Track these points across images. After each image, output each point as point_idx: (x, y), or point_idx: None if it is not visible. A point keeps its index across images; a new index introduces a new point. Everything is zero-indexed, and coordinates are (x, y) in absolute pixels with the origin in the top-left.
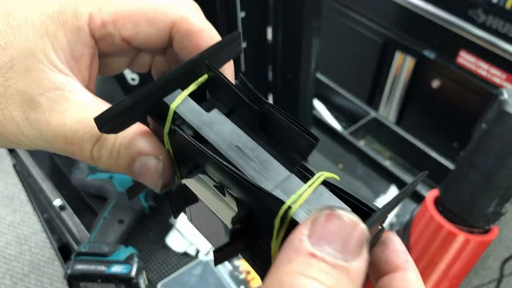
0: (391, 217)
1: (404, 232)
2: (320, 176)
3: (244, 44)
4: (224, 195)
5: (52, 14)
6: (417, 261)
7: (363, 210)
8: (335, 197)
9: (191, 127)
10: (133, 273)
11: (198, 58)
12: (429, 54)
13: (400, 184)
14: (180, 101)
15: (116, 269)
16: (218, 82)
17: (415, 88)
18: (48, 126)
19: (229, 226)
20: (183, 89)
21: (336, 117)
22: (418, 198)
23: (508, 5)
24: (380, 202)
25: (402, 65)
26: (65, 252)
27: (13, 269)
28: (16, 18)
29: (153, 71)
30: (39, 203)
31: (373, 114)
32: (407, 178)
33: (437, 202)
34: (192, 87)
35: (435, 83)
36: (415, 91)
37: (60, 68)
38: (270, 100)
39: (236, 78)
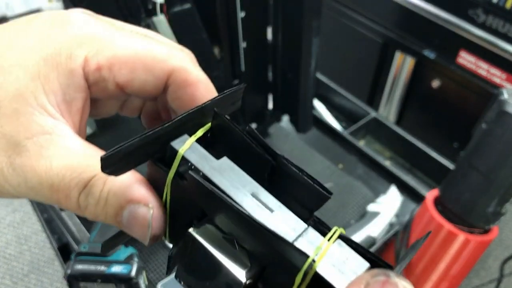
0: (391, 216)
1: (404, 232)
2: (336, 230)
3: (244, 44)
4: (235, 248)
5: (46, 56)
6: (417, 261)
7: (380, 265)
8: (354, 252)
9: (200, 173)
10: (133, 273)
11: (208, 105)
12: (429, 54)
13: (400, 184)
14: (188, 146)
15: (116, 269)
16: (223, 131)
17: (415, 88)
18: (34, 172)
19: (243, 281)
20: (190, 135)
21: (336, 117)
22: (418, 198)
23: (508, 5)
24: (380, 202)
25: (402, 65)
26: (65, 252)
27: (13, 269)
28: (8, 59)
29: (143, 116)
30: (39, 203)
31: (373, 114)
32: (407, 178)
33: (437, 202)
34: (199, 133)
35: (435, 83)
36: (415, 91)
37: (50, 112)
38: (270, 100)
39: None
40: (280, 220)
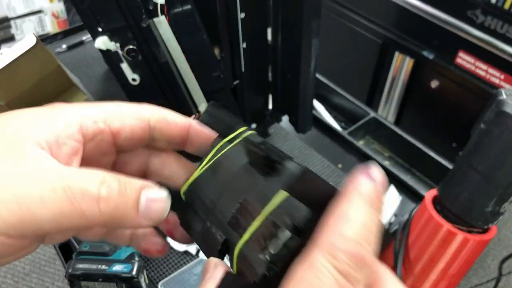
0: (390, 216)
1: (403, 232)
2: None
3: (244, 45)
4: None
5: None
6: (415, 261)
7: None
8: None
9: None
10: (134, 272)
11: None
12: (428, 54)
13: (399, 183)
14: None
15: (117, 268)
16: None
17: (414, 88)
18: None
19: None
20: None
21: (336, 117)
22: (417, 198)
23: (506, 6)
24: None
25: (401, 65)
26: (66, 251)
27: (14, 268)
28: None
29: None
30: None
31: (372, 114)
32: (406, 178)
33: (436, 201)
34: None
35: (434, 83)
36: (414, 91)
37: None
38: (270, 100)
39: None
40: None
